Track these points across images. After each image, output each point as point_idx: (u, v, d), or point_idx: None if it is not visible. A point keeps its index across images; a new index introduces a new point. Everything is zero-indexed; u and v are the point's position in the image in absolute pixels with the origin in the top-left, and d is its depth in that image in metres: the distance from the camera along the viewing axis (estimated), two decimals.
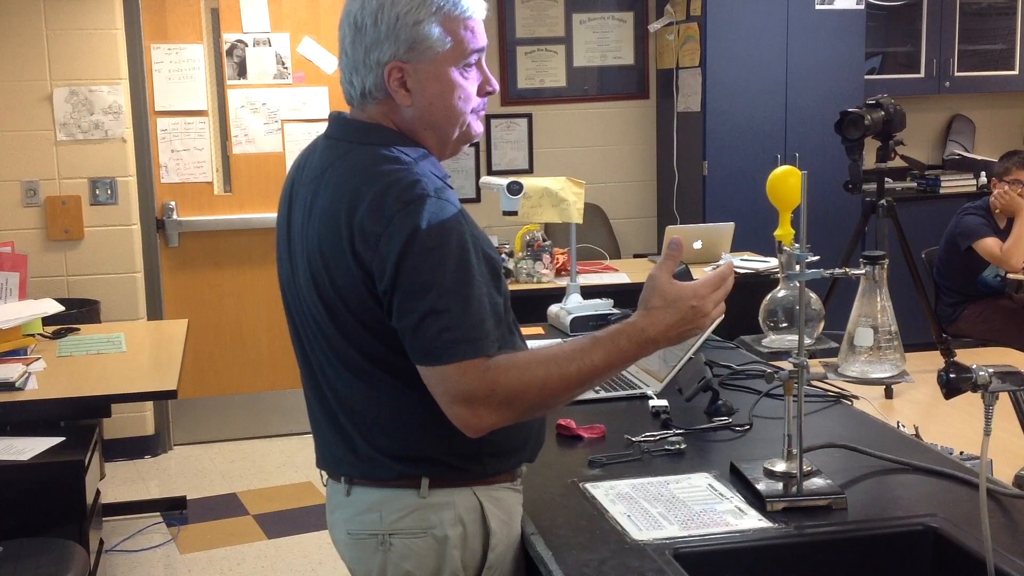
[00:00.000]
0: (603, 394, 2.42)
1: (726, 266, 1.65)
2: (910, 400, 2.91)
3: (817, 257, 2.01)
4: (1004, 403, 1.76)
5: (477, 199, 5.72)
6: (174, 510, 4.46)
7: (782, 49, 5.58)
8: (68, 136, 4.90)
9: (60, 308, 3.81)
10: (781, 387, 1.81)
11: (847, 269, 1.94)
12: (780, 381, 1.80)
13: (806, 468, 1.80)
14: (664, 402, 2.31)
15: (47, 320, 3.86)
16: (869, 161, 3.55)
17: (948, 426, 2.56)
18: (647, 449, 2.06)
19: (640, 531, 1.68)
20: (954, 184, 6.31)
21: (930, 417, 2.72)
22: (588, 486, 1.88)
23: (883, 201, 3.54)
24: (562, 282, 4.09)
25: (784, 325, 2.66)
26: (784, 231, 2.62)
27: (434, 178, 1.61)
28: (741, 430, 2.19)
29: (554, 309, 3.29)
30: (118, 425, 4.90)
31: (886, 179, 3.62)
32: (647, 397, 2.38)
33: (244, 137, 5.30)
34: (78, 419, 3.47)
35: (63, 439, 3.26)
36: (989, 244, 4.86)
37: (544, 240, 4.58)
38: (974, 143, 6.67)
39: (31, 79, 4.84)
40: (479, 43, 1.67)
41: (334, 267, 1.60)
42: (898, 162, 4.06)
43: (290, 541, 4.15)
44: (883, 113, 3.48)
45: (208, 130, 5.25)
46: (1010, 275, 4.92)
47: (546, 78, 5.92)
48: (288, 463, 5.01)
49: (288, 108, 5.32)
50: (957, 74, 6.34)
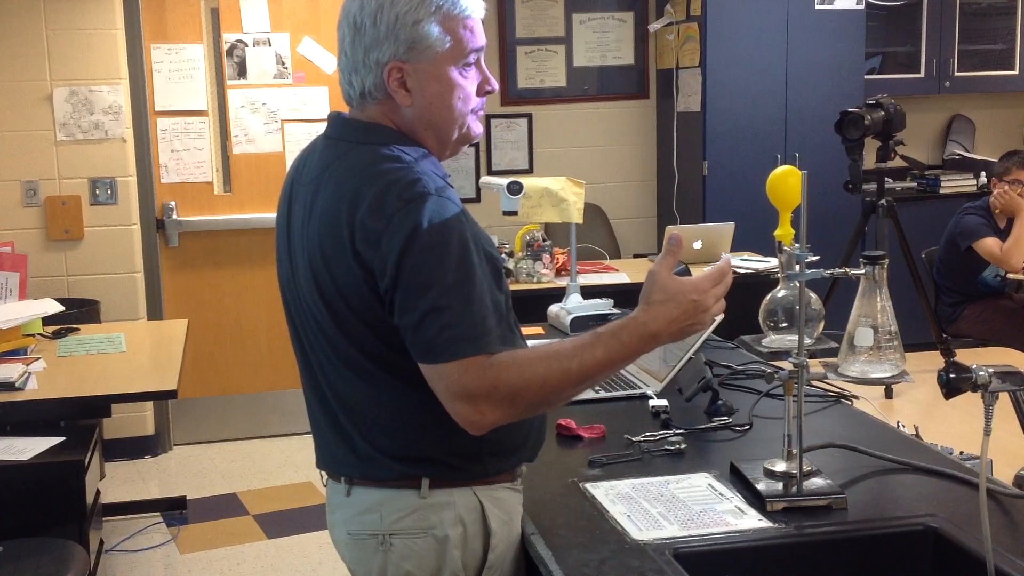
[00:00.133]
0: (603, 394, 2.42)
1: (724, 262, 1.65)
2: (910, 400, 2.91)
3: (817, 257, 2.01)
4: (1004, 403, 1.76)
5: (477, 199, 5.72)
6: (174, 510, 4.46)
7: (782, 49, 5.58)
8: (68, 136, 4.90)
9: (60, 308, 3.81)
10: (781, 387, 1.81)
11: (847, 269, 1.94)
12: (780, 381, 1.80)
13: (806, 468, 1.80)
14: (664, 402, 2.31)
15: (47, 320, 3.86)
16: (869, 161, 3.56)
17: (948, 426, 2.56)
18: (647, 449, 2.06)
19: (640, 531, 1.68)
20: (954, 184, 6.31)
21: (930, 417, 2.71)
22: (588, 486, 1.88)
23: (883, 201, 3.54)
24: (562, 282, 4.09)
25: (784, 325, 2.65)
26: (784, 231, 2.62)
27: (435, 177, 1.61)
28: (741, 430, 2.19)
29: (554, 309, 3.29)
30: (118, 425, 4.90)
31: (886, 179, 3.62)
32: (647, 397, 2.38)
33: (244, 137, 5.30)
34: (78, 419, 3.46)
35: (63, 439, 3.26)
36: (989, 244, 4.86)
37: (544, 240, 4.58)
38: (974, 143, 6.67)
39: (31, 79, 4.84)
40: (478, 42, 1.67)
41: (335, 266, 1.60)
42: (898, 162, 4.07)
43: (290, 541, 4.15)
44: (883, 113, 3.49)
45: (208, 130, 5.24)
46: (1010, 275, 4.92)
47: (546, 78, 5.92)
48: (288, 463, 5.01)
49: (288, 108, 5.32)
50: (957, 74, 6.34)
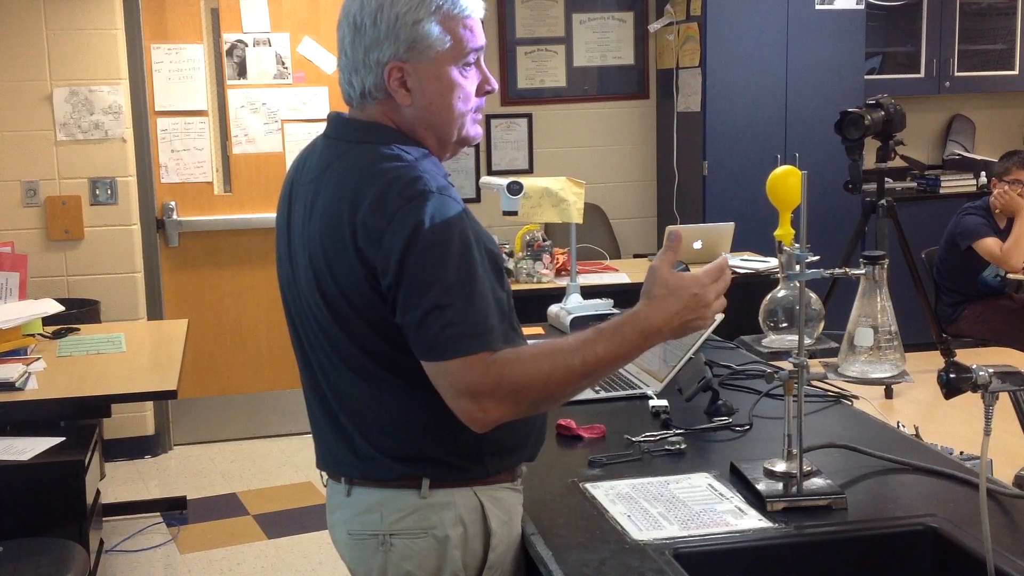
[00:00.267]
0: (603, 394, 2.42)
1: (721, 259, 1.65)
2: (910, 400, 2.91)
3: (817, 257, 2.01)
4: (1004, 403, 1.76)
5: (477, 199, 5.72)
6: (174, 510, 4.46)
7: (782, 49, 5.58)
8: (68, 136, 4.90)
9: (60, 308, 3.81)
10: (781, 387, 1.81)
11: (847, 269, 1.94)
12: (780, 381, 1.80)
13: (806, 468, 1.80)
14: (664, 402, 2.31)
15: (47, 320, 3.86)
16: (869, 161, 3.56)
17: (948, 426, 2.56)
18: (647, 449, 2.06)
19: (640, 531, 1.68)
20: (954, 184, 6.31)
21: (930, 417, 2.71)
22: (588, 486, 1.88)
23: (883, 201, 3.54)
24: (562, 282, 4.09)
25: (784, 325, 2.65)
26: (784, 231, 2.62)
27: (437, 176, 1.61)
28: (741, 430, 2.19)
29: (554, 309, 3.29)
30: (118, 425, 4.90)
31: (886, 179, 3.62)
32: (647, 397, 2.38)
33: (244, 137, 5.30)
34: (78, 419, 3.46)
35: (63, 439, 3.26)
36: (989, 244, 4.86)
37: (544, 240, 4.58)
38: (974, 143, 6.67)
39: (31, 79, 4.84)
40: (478, 42, 1.68)
41: (337, 266, 1.60)
42: (898, 162, 4.06)
43: (290, 541, 4.15)
44: (883, 113, 3.49)
45: (208, 130, 5.24)
46: (1010, 275, 4.92)
47: (546, 78, 5.92)
48: (288, 463, 5.01)
49: (288, 108, 5.32)
50: (957, 74, 6.34)
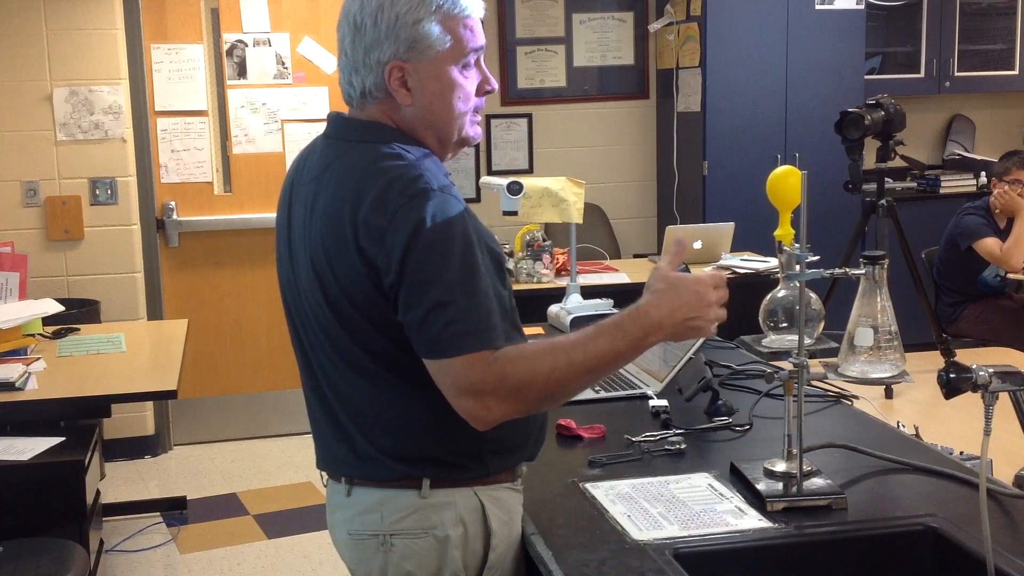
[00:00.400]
0: (603, 394, 2.42)
1: (717, 273, 1.66)
2: (910, 400, 2.91)
3: (817, 257, 2.01)
4: (1004, 403, 1.76)
5: (477, 199, 5.71)
6: (174, 510, 4.46)
7: (782, 49, 5.58)
8: (68, 136, 4.90)
9: (60, 308, 3.80)
10: (781, 387, 1.81)
11: (847, 269, 1.94)
12: (780, 381, 1.80)
13: (806, 468, 1.80)
14: (664, 402, 2.31)
15: (47, 320, 3.86)
16: (869, 161, 3.56)
17: (948, 426, 2.56)
18: (647, 449, 2.06)
19: (640, 531, 1.68)
20: (954, 184, 6.31)
21: (930, 417, 2.71)
22: (588, 486, 1.88)
23: (883, 201, 3.54)
24: (562, 282, 4.09)
25: (784, 325, 2.65)
26: (784, 231, 2.62)
27: (438, 174, 1.61)
28: (741, 430, 2.19)
29: (554, 309, 3.29)
30: (118, 425, 4.90)
31: (886, 179, 3.62)
32: (647, 397, 2.38)
33: (244, 137, 5.30)
34: (78, 419, 3.46)
35: (63, 439, 3.26)
36: (989, 244, 4.86)
37: (544, 240, 4.58)
38: (974, 143, 6.67)
39: (31, 79, 4.84)
40: (478, 42, 1.68)
41: (338, 265, 1.60)
42: (898, 162, 4.06)
43: (290, 541, 4.15)
44: (883, 113, 3.49)
45: (208, 130, 5.24)
46: (1010, 275, 4.92)
47: (546, 78, 5.92)
48: (288, 463, 5.01)
49: (288, 108, 5.32)
50: (957, 74, 6.34)
